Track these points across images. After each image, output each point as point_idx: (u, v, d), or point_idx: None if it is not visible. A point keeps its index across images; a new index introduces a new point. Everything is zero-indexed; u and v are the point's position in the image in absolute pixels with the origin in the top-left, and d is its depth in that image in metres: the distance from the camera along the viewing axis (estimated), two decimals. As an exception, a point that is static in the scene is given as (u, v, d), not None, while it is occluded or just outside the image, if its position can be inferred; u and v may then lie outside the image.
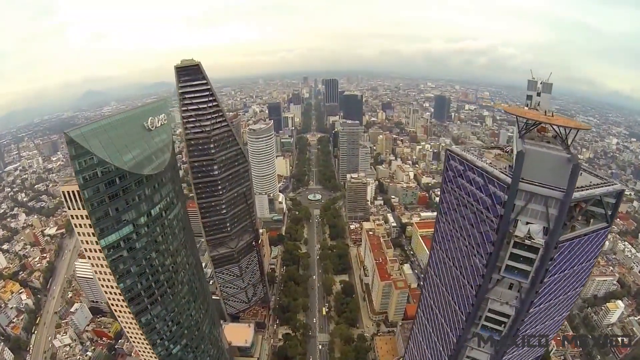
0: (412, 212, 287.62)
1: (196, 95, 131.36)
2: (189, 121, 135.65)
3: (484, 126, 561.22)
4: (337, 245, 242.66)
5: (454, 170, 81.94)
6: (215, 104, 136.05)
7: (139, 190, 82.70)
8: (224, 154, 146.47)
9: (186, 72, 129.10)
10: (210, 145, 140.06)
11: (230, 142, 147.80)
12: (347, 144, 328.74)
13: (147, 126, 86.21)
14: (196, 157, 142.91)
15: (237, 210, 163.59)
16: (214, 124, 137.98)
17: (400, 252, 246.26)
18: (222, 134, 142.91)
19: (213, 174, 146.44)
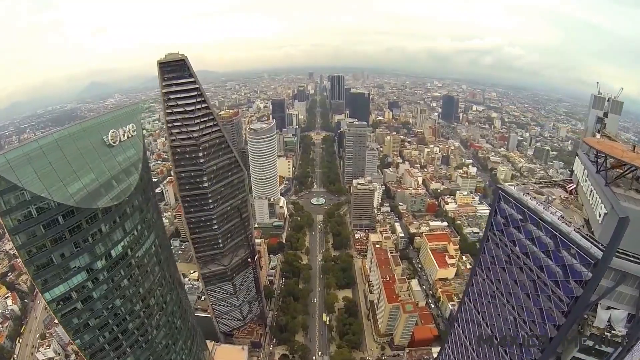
0: (421, 221, 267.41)
1: (182, 95, 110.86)
2: (174, 126, 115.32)
3: (493, 128, 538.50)
4: (341, 257, 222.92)
5: (507, 217, 61.35)
6: (204, 106, 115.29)
7: (93, 229, 63.55)
8: (216, 164, 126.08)
9: (170, 68, 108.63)
10: (199, 154, 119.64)
11: (222, 150, 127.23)
12: (354, 146, 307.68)
13: (108, 141, 66.69)
14: (183, 167, 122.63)
15: (230, 226, 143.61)
16: (203, 129, 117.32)
17: (407, 265, 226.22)
18: (213, 141, 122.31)
19: (202, 186, 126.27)
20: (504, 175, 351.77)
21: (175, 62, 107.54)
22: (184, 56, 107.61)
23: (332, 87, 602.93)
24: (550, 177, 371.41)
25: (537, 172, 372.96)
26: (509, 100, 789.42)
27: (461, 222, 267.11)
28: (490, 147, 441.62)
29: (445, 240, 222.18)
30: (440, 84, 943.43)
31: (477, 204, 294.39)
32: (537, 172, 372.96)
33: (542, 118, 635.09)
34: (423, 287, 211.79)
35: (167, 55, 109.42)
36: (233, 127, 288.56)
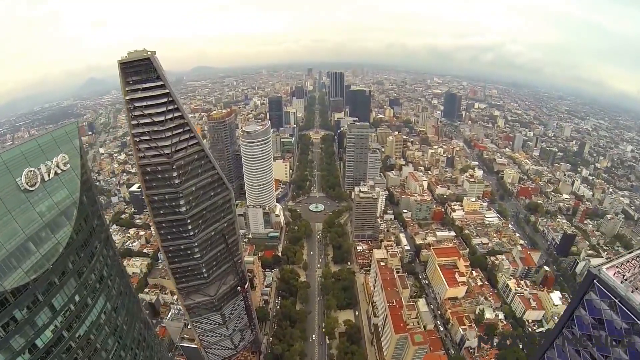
0: (427, 230, 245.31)
1: (149, 103, 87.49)
2: (142, 140, 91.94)
3: (496, 127, 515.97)
4: (342, 273, 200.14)
5: (600, 319, 38.63)
6: (177, 115, 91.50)
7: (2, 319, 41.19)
8: (195, 183, 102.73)
9: (134, 69, 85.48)
10: (173, 174, 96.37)
11: (203, 167, 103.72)
12: (355, 149, 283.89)
13: (23, 185, 44.10)
14: (155, 189, 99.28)
15: (215, 253, 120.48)
16: (177, 143, 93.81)
17: (414, 281, 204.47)
18: (190, 157, 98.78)
19: (179, 210, 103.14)
20: (511, 178, 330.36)
21: (139, 62, 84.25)
22: (151, 53, 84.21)
23: (331, 83, 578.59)
24: (558, 180, 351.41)
25: (545, 175, 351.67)
26: (510, 98, 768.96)
27: (469, 231, 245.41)
28: (495, 148, 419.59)
29: (455, 255, 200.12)
30: (441, 80, 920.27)
31: (485, 210, 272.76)
32: (545, 175, 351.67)
33: (545, 116, 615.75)
34: (431, 307, 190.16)
35: (130, 53, 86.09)
36: (226, 129, 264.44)
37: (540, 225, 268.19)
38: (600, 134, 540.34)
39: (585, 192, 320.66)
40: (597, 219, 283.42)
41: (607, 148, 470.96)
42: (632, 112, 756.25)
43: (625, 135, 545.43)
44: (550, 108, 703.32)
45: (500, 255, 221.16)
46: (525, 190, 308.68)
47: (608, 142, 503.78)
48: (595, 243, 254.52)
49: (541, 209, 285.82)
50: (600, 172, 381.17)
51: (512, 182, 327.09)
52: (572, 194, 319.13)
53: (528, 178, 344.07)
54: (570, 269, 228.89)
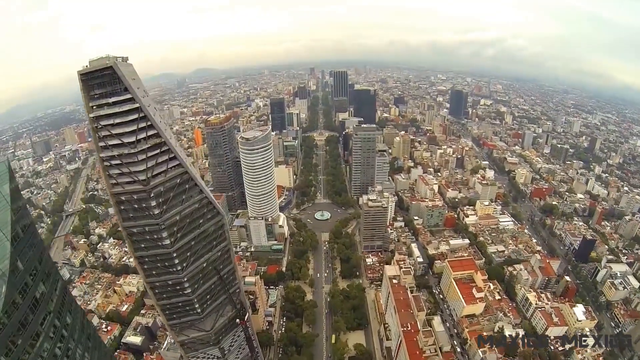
0: (439, 238, 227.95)
1: (117, 122, 70.92)
2: (112, 165, 75.46)
3: (504, 124, 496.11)
4: (351, 290, 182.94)
5: None
6: (152, 134, 74.66)
7: None
8: (179, 212, 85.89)
9: (96, 80, 68.97)
10: (152, 203, 79.71)
11: (188, 192, 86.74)
12: (362, 152, 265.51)
13: None
14: (133, 220, 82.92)
15: (210, 285, 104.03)
16: (154, 167, 77.11)
17: (427, 295, 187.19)
18: (172, 182, 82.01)
19: (163, 244, 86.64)
20: (523, 178, 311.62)
21: (100, 72, 67.60)
22: (117, 60, 67.63)
23: (334, 83, 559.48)
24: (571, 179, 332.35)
25: (558, 174, 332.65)
26: (516, 93, 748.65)
27: (484, 238, 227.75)
28: (504, 146, 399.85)
29: (472, 267, 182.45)
30: (444, 77, 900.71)
31: (499, 214, 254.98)
32: (558, 174, 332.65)
33: (552, 111, 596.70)
34: (446, 324, 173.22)
35: (92, 61, 69.47)
36: (225, 134, 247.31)
37: (557, 229, 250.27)
38: (609, 129, 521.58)
39: (600, 191, 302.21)
40: (614, 219, 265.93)
41: (617, 143, 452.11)
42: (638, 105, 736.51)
43: (634, 129, 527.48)
44: (557, 102, 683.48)
45: (517, 264, 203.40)
46: (539, 191, 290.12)
47: (618, 136, 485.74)
48: (614, 246, 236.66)
49: (557, 210, 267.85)
50: (613, 169, 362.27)
51: (525, 182, 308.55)
52: (586, 194, 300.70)
53: (540, 177, 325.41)
54: (590, 276, 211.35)
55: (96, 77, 68.40)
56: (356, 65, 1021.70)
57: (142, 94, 72.64)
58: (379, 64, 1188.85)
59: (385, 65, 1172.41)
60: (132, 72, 71.94)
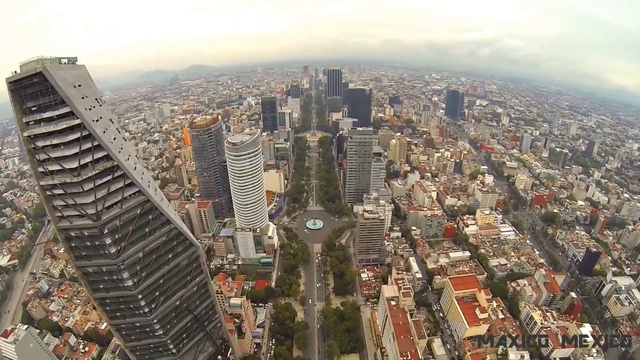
0: (439, 250, 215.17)
1: (55, 142, 55.80)
2: (55, 195, 60.41)
3: (501, 126, 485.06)
4: (345, 310, 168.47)
5: None
6: (100, 156, 59.64)
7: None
8: (142, 248, 71.40)
9: (28, 89, 53.75)
10: (106, 241, 64.83)
11: (152, 223, 72.07)
12: (357, 157, 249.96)
13: None
14: (86, 259, 68.08)
15: (184, 325, 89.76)
16: (106, 197, 62.17)
17: (427, 314, 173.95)
18: (131, 213, 67.32)
19: (125, 285, 71.80)
20: (523, 184, 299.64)
21: (29, 79, 52.31)
22: (44, 65, 52.03)
23: (328, 81, 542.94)
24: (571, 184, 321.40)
25: (557, 180, 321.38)
26: (511, 94, 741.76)
27: (485, 250, 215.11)
28: (502, 149, 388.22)
29: (474, 285, 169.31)
30: (439, 76, 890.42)
31: (500, 223, 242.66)
32: (557, 180, 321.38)
33: (548, 113, 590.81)
34: (447, 346, 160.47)
35: (23, 64, 54.15)
36: (211, 137, 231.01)
37: (559, 239, 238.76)
38: (605, 132, 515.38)
39: (601, 198, 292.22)
40: (615, 228, 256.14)
41: (614, 147, 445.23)
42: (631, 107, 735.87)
43: (629, 132, 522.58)
44: (552, 104, 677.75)
45: (521, 279, 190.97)
46: (540, 198, 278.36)
47: (614, 140, 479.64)
48: (617, 257, 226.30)
49: (558, 219, 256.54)
50: (612, 174, 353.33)
51: (525, 188, 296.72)
52: (587, 200, 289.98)
53: (540, 183, 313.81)
54: (595, 291, 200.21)
55: (26, 85, 53.01)
56: (350, 63, 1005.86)
57: (91, 105, 57.31)
58: (373, 63, 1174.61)
59: (379, 64, 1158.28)
60: (78, 77, 56.64)
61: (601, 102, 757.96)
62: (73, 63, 57.95)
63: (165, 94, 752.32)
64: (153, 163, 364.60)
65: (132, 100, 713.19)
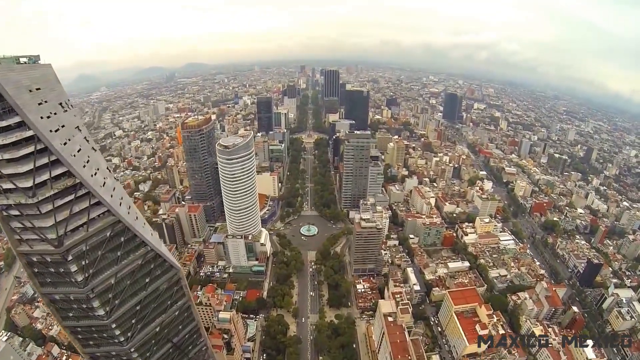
0: (437, 260, 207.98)
1: (5, 157, 47.19)
2: (11, 216, 51.86)
3: (499, 130, 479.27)
4: (340, 323, 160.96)
5: None
6: (58, 173, 50.99)
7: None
8: (114, 274, 63.07)
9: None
10: (72, 268, 56.48)
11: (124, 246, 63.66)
12: (354, 161, 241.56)
13: None
14: (51, 286, 59.73)
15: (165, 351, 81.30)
16: (69, 219, 53.66)
17: (424, 328, 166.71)
18: (99, 236, 58.89)
19: (96, 314, 63.50)
20: (522, 191, 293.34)
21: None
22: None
23: (325, 82, 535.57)
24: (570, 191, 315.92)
25: (556, 186, 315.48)
26: (508, 97, 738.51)
27: (485, 261, 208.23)
28: (501, 154, 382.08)
29: (475, 300, 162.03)
30: (436, 78, 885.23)
31: (499, 232, 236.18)
32: (556, 186, 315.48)
33: (545, 118, 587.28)
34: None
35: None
36: (203, 138, 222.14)
37: (560, 249, 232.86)
38: (602, 138, 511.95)
39: (600, 206, 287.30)
40: (615, 237, 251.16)
41: (612, 153, 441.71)
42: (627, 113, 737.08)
43: (626, 139, 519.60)
44: (549, 109, 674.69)
45: (521, 292, 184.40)
46: (540, 206, 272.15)
47: (611, 146, 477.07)
48: (618, 268, 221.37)
49: (558, 228, 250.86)
50: (611, 181, 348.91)
51: (524, 195, 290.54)
52: (586, 208, 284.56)
53: (539, 190, 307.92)
54: (596, 304, 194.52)
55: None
56: (348, 64, 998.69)
57: (50, 112, 48.74)
58: (371, 64, 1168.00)
59: (377, 65, 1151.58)
60: (37, 79, 48.07)
61: (597, 107, 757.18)
62: (34, 62, 49.69)
63: (161, 91, 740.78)
64: (145, 162, 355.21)
65: (128, 97, 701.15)
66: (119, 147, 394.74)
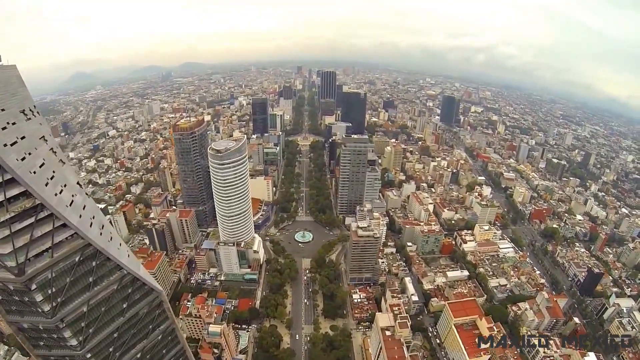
0: (436, 269, 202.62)
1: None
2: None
3: (497, 134, 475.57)
4: (335, 335, 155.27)
5: None
6: (17, 193, 44.86)
7: None
8: (86, 301, 56.89)
9: None
10: (37, 297, 50.27)
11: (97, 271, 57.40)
12: (351, 166, 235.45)
13: None
14: (17, 315, 53.53)
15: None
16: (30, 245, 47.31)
17: (422, 340, 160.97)
18: (67, 262, 52.61)
19: (69, 345, 57.27)
20: (521, 197, 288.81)
21: None
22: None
23: (322, 83, 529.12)
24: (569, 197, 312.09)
25: (555, 192, 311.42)
26: (505, 101, 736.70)
27: (485, 270, 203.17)
28: (499, 159, 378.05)
29: (475, 312, 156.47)
30: (433, 81, 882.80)
31: (499, 239, 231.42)
32: (555, 192, 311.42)
33: (542, 122, 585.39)
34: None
35: None
36: (195, 141, 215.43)
37: (560, 257, 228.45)
38: (599, 142, 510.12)
39: (599, 213, 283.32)
40: (615, 245, 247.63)
41: (609, 158, 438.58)
42: (623, 117, 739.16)
43: (622, 143, 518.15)
44: (546, 112, 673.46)
45: (522, 302, 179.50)
46: (539, 212, 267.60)
47: (608, 151, 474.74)
48: (618, 277, 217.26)
49: (558, 236, 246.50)
50: (609, 186, 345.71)
51: (523, 201, 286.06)
52: (585, 215, 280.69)
53: (538, 195, 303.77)
54: (597, 313, 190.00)
55: None
56: (345, 65, 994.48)
57: (8, 121, 42.64)
58: (368, 65, 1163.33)
59: (374, 67, 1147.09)
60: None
61: (593, 111, 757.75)
62: (-5, 67, 43.64)
63: (156, 90, 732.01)
64: (138, 164, 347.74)
65: (123, 96, 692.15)
66: (112, 148, 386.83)
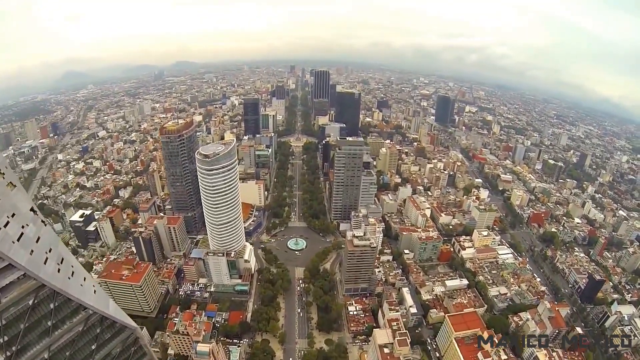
0: (434, 277, 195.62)
1: None
2: None
3: (492, 134, 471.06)
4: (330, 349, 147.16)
5: None
6: None
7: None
8: (46, 348, 48.34)
9: None
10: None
11: (57, 313, 48.92)
12: (345, 170, 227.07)
13: None
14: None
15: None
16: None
17: (421, 353, 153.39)
18: (19, 306, 44.12)
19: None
20: (519, 200, 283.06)
21: None
22: None
23: (315, 83, 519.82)
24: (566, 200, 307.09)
25: (552, 195, 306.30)
26: (499, 100, 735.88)
27: (484, 278, 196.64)
28: (495, 160, 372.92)
29: (476, 325, 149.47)
30: (427, 80, 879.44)
31: (498, 245, 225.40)
32: (552, 195, 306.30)
33: (537, 122, 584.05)
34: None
35: None
36: (183, 144, 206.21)
37: (559, 262, 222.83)
38: (593, 142, 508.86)
39: (597, 215, 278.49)
40: (614, 249, 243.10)
41: (604, 159, 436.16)
42: (615, 118, 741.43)
43: (616, 143, 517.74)
44: (540, 112, 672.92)
45: (523, 312, 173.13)
46: (538, 216, 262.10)
47: (603, 151, 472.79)
48: (618, 282, 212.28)
49: (557, 240, 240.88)
50: (605, 188, 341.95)
51: (521, 204, 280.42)
52: (583, 218, 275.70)
53: (536, 198, 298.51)
54: (598, 321, 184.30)
55: None
56: (338, 65, 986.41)
57: None
58: (361, 65, 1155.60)
59: (367, 66, 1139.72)
60: None
61: (586, 111, 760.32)
62: None
63: (148, 90, 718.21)
64: (127, 166, 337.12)
65: (114, 95, 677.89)
66: (102, 149, 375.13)
